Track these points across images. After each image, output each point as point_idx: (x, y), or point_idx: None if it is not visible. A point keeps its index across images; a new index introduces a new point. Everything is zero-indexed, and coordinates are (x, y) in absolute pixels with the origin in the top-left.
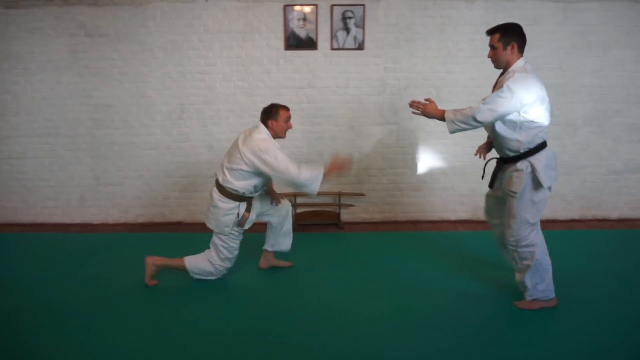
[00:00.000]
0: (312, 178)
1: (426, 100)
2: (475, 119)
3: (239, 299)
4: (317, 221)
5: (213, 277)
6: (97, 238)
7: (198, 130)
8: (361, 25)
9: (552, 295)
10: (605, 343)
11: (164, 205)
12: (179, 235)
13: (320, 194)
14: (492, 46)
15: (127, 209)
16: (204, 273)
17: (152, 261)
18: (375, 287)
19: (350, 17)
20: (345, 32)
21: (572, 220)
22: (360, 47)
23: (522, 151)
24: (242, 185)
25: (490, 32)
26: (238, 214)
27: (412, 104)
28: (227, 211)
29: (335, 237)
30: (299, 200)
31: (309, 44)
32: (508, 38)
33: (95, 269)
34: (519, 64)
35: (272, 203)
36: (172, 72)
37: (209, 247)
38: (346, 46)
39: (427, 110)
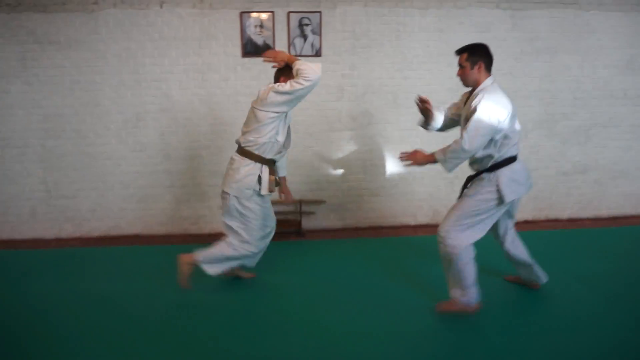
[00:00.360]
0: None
1: (406, 153)
2: (464, 150)
3: (199, 310)
4: (278, 229)
5: (235, 263)
6: (49, 254)
7: (155, 139)
8: (318, 32)
9: (473, 302)
10: (562, 341)
11: (121, 218)
12: (137, 249)
13: (280, 202)
14: (460, 65)
15: (81, 223)
16: (221, 259)
17: (187, 259)
18: (338, 295)
19: (307, 24)
20: (302, 39)
21: (526, 222)
22: (318, 53)
23: (489, 165)
24: (264, 139)
25: (459, 52)
26: (260, 178)
27: (402, 157)
28: (249, 171)
29: (297, 245)
30: None
31: (266, 50)
32: (475, 58)
33: (47, 286)
34: (487, 82)
35: (280, 196)
36: (126, 80)
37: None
38: (304, 53)
39: (417, 158)
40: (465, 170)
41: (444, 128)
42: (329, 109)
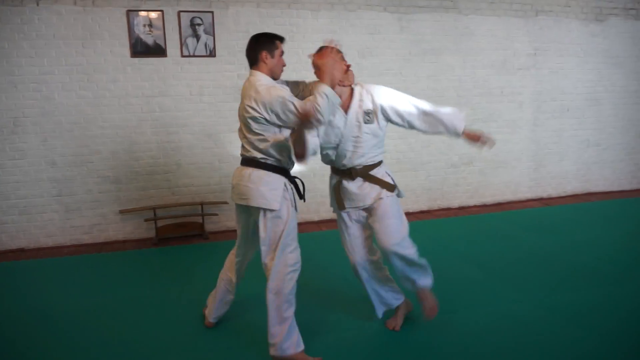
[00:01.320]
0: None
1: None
2: None
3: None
4: (180, 233)
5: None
6: None
7: (37, 145)
8: (211, 32)
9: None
10: (460, 319)
11: (1, 232)
12: (22, 264)
13: (181, 204)
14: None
15: None
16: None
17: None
18: (247, 295)
19: (199, 24)
20: (195, 39)
21: (422, 212)
22: (212, 54)
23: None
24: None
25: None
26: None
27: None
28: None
29: (201, 247)
30: (159, 213)
31: (158, 51)
32: None
33: None
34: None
35: None
36: (0, 82)
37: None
38: (197, 53)
39: None
40: None
41: None
42: (227, 110)
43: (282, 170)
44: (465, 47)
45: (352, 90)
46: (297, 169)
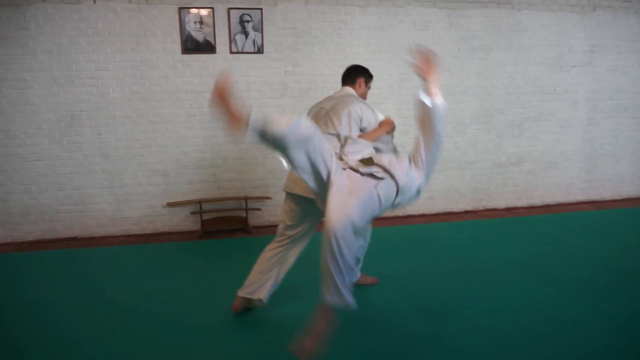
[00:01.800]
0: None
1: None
2: None
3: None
4: (224, 227)
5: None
6: None
7: (92, 139)
8: (259, 29)
9: None
10: (505, 322)
11: (56, 221)
12: (76, 252)
13: (225, 199)
14: None
15: (13, 227)
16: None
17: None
18: (290, 289)
19: (248, 21)
20: (244, 36)
21: (466, 212)
22: (260, 50)
23: None
24: None
25: None
26: None
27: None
28: None
29: (244, 242)
30: (204, 206)
31: (208, 47)
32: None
33: None
34: None
35: None
36: (58, 77)
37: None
38: (245, 50)
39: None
40: None
41: None
42: (273, 106)
43: None
44: (517, 43)
45: None
46: None
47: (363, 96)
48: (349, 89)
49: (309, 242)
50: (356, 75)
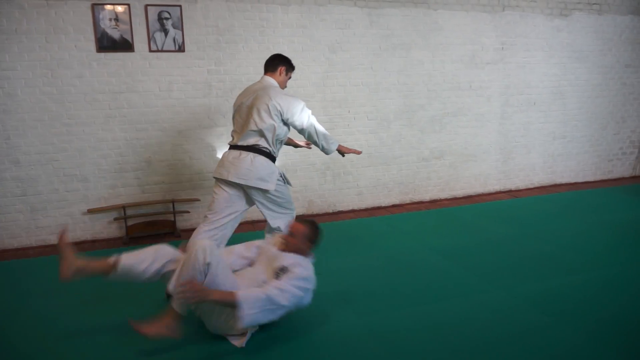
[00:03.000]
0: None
1: None
2: None
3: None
4: (152, 231)
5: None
6: None
7: None
8: (179, 26)
9: None
10: (433, 310)
11: None
12: None
13: (151, 202)
14: None
15: None
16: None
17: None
18: None
19: (167, 18)
20: (163, 34)
21: (394, 206)
22: (181, 49)
23: None
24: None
25: None
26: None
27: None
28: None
29: (173, 245)
30: (129, 211)
31: (125, 45)
32: None
33: None
34: None
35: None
36: None
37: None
38: (166, 48)
39: None
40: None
41: None
42: (197, 106)
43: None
44: (434, 42)
45: None
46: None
47: (282, 84)
48: (268, 79)
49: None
50: (278, 63)
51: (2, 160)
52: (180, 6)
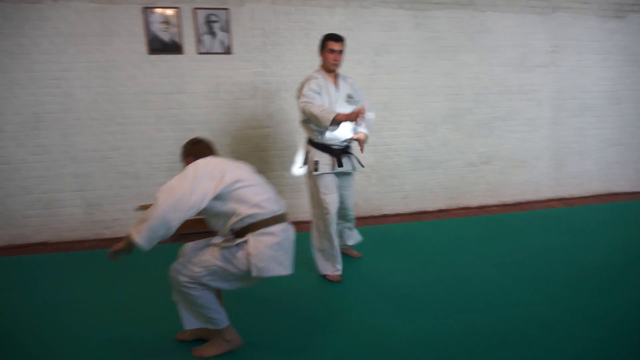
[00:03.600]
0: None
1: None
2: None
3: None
4: (199, 229)
5: None
6: None
7: (58, 141)
8: (227, 29)
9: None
10: (480, 320)
11: (25, 226)
12: (46, 257)
13: None
14: (340, 51)
15: None
16: None
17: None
18: (264, 290)
19: (215, 21)
20: (211, 36)
21: (440, 211)
22: (228, 51)
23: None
24: None
25: (340, 39)
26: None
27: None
28: None
29: None
30: None
31: (174, 48)
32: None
33: None
34: None
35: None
36: (21, 78)
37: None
38: (213, 50)
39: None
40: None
41: None
42: (243, 107)
43: None
44: (482, 44)
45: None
46: None
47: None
48: None
49: None
50: None
51: (60, 157)
52: (227, 9)
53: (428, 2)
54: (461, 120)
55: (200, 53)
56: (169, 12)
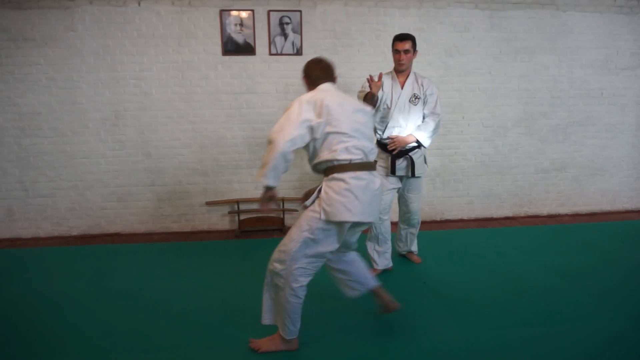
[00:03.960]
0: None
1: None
2: (439, 124)
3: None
4: (261, 227)
5: None
6: (27, 253)
7: (135, 138)
8: (299, 31)
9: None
10: (547, 334)
11: (100, 217)
12: (118, 247)
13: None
14: (406, 51)
15: (59, 222)
16: None
17: None
18: (322, 290)
19: (287, 23)
20: (283, 38)
21: (507, 218)
22: (299, 52)
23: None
24: None
25: (405, 38)
26: None
27: (389, 147)
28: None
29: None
30: (242, 206)
31: (247, 49)
32: (415, 46)
33: (26, 285)
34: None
35: None
36: (104, 78)
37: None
38: (284, 52)
39: (399, 141)
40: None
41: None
42: None
43: None
44: (562, 45)
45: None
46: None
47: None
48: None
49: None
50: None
51: (136, 152)
52: (300, 11)
53: (506, 2)
54: (534, 125)
55: (272, 54)
56: (244, 14)
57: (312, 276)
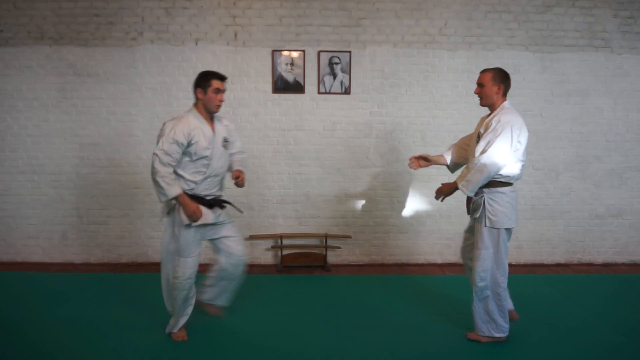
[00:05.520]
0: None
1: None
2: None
3: (223, 343)
4: (303, 263)
5: None
6: (78, 278)
7: None
8: (347, 70)
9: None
10: None
11: (148, 245)
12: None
13: (306, 235)
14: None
15: (110, 249)
16: None
17: None
18: (362, 330)
19: (336, 63)
20: (332, 77)
21: (558, 265)
22: (347, 91)
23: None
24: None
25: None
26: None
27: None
28: None
29: (322, 279)
30: (285, 241)
31: (297, 87)
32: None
33: (75, 310)
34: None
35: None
36: (160, 112)
37: None
38: (333, 90)
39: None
40: None
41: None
42: (357, 146)
43: None
44: (617, 88)
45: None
46: None
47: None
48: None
49: None
50: None
51: None
52: (350, 52)
53: (557, 45)
54: (588, 169)
55: (321, 93)
56: (295, 54)
57: None
